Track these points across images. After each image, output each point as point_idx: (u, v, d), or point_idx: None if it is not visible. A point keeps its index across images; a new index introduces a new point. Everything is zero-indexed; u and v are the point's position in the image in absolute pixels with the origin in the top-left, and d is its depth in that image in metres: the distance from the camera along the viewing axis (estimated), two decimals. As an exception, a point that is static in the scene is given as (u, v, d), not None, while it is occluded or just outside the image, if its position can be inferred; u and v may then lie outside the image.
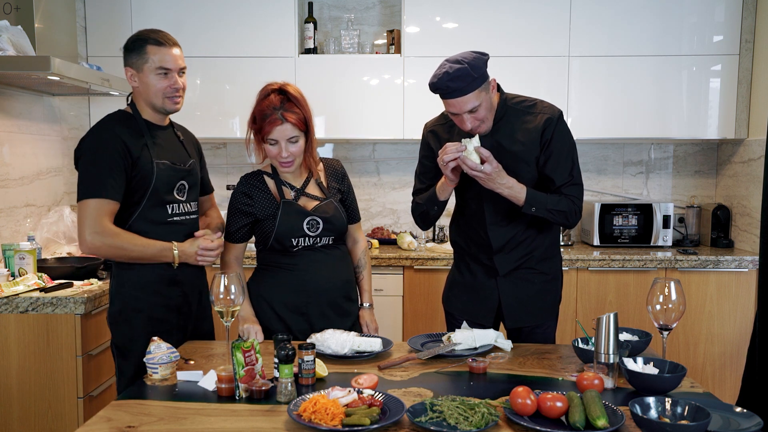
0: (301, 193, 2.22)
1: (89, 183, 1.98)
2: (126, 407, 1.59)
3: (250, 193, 2.20)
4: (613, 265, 3.53)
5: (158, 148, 2.11)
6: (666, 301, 1.78)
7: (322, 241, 2.22)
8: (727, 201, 3.94)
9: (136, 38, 2.08)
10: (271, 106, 2.07)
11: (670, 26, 3.67)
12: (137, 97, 2.13)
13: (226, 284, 1.77)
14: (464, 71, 2.03)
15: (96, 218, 1.96)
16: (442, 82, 2.06)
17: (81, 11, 3.70)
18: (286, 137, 2.08)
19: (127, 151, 2.01)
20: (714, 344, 3.56)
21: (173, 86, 2.09)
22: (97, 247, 1.99)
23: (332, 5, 4.08)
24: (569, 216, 2.19)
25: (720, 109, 3.70)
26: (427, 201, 2.29)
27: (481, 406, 1.47)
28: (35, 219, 3.40)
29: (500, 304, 2.28)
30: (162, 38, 2.07)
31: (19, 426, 2.60)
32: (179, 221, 2.16)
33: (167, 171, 2.10)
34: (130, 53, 2.08)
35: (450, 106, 2.11)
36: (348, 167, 4.20)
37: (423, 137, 2.37)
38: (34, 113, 3.41)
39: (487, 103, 2.11)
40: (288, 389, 1.62)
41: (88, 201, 1.97)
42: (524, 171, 2.18)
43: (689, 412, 1.43)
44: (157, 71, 2.05)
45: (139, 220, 2.07)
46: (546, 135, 2.17)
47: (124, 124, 2.08)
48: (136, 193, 2.05)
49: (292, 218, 2.17)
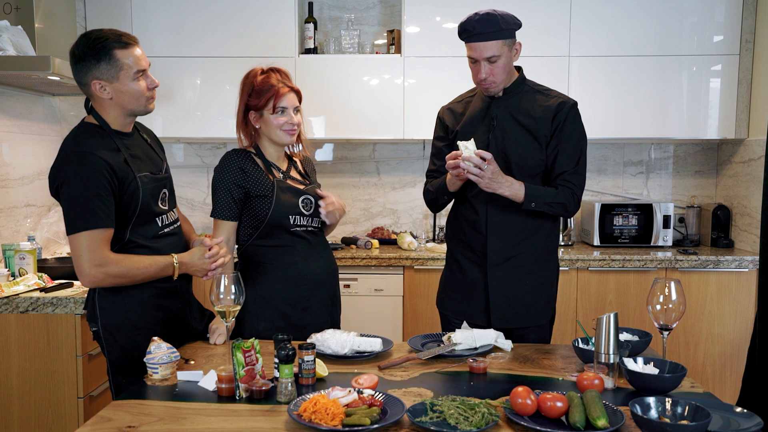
0: (287, 176, 2.25)
1: (79, 214, 1.82)
2: (126, 407, 1.59)
3: (244, 168, 2.18)
4: (613, 265, 3.53)
5: (136, 160, 1.96)
6: (666, 301, 1.78)
7: (314, 222, 2.24)
8: (727, 201, 3.94)
9: (95, 46, 1.87)
10: (273, 78, 2.17)
11: (671, 26, 3.67)
12: (104, 107, 1.94)
13: (227, 284, 1.77)
14: (493, 17, 2.12)
15: (93, 250, 1.82)
16: (469, 22, 2.13)
17: (81, 11, 3.70)
18: (293, 105, 2.18)
19: (112, 171, 1.85)
20: (714, 344, 3.56)
21: (151, 86, 1.96)
22: (100, 279, 1.85)
23: (332, 5, 4.08)
24: (568, 206, 2.23)
25: (720, 109, 3.70)
26: (437, 189, 2.34)
27: (481, 406, 1.47)
28: (35, 219, 3.40)
29: (488, 301, 2.28)
30: (126, 38, 1.90)
31: (19, 426, 2.60)
32: (169, 232, 2.06)
33: (150, 183, 1.97)
34: (96, 63, 1.87)
35: (471, 50, 2.17)
36: (348, 167, 4.21)
37: (437, 118, 2.43)
38: (34, 113, 3.41)
39: (506, 60, 2.17)
40: (288, 389, 1.62)
41: (82, 234, 1.81)
42: (531, 145, 2.22)
43: (689, 412, 1.43)
44: (135, 75, 1.91)
45: (133, 238, 1.94)
46: (559, 118, 2.21)
47: (99, 140, 1.90)
48: (126, 212, 1.91)
49: (287, 196, 2.18)
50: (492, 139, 2.24)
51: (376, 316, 3.57)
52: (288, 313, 2.20)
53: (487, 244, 2.26)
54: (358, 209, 4.23)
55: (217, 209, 2.19)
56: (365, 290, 3.58)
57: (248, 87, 2.19)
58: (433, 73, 3.71)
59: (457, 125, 2.33)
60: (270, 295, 2.20)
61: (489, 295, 2.27)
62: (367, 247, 3.79)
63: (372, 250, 3.74)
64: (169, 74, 3.65)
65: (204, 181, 4.19)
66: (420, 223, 4.21)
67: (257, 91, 2.16)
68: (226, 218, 2.18)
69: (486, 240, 2.26)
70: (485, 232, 2.26)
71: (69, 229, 1.84)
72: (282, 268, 2.20)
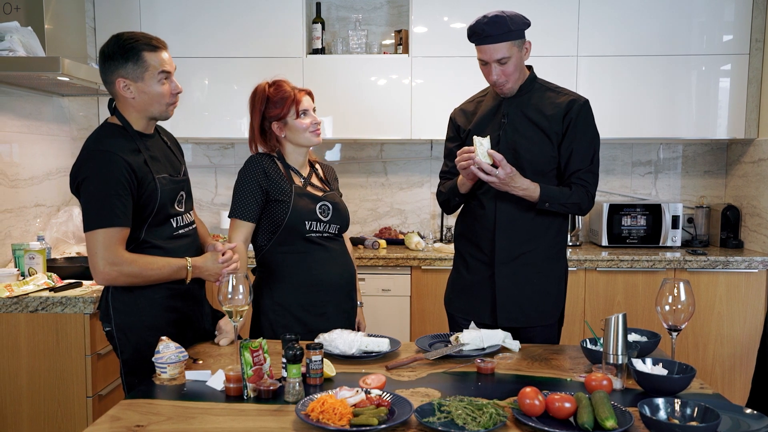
0: (307, 182, 2.27)
1: (97, 212, 1.84)
2: (135, 406, 1.60)
3: (267, 171, 2.21)
4: (621, 266, 3.51)
5: (155, 162, 1.99)
6: (675, 302, 1.77)
7: (331, 229, 2.25)
8: (736, 201, 3.92)
9: (125, 45, 1.92)
10: (286, 86, 2.23)
11: (679, 26, 3.65)
12: (127, 108, 1.97)
13: (234, 284, 1.77)
14: (501, 19, 2.12)
15: (109, 248, 1.84)
16: (478, 25, 2.14)
17: (90, 12, 3.72)
18: (312, 106, 2.26)
19: (132, 171, 1.88)
20: (723, 345, 3.54)
21: (174, 91, 2.00)
22: (113, 277, 1.87)
23: (340, 5, 4.08)
24: (582, 205, 2.24)
25: (729, 109, 3.68)
26: (449, 191, 2.36)
27: (489, 407, 1.47)
28: (45, 219, 3.42)
29: (495, 299, 2.27)
30: (156, 42, 1.96)
31: (29, 425, 2.62)
32: (184, 234, 2.07)
33: (169, 185, 2.00)
34: (124, 63, 1.91)
35: (481, 53, 2.17)
36: (355, 167, 4.21)
37: (449, 119, 2.45)
38: (43, 114, 3.43)
39: (517, 60, 2.18)
40: (296, 389, 1.62)
41: (99, 231, 1.84)
42: (542, 143, 2.23)
43: (699, 414, 1.42)
44: (160, 77, 1.95)
45: (147, 238, 1.96)
46: (570, 115, 2.22)
47: (120, 140, 1.93)
48: (143, 211, 1.93)
49: (304, 201, 2.20)
50: (503, 136, 2.25)
51: (383, 317, 3.57)
52: (305, 319, 2.22)
53: (495, 240, 2.26)
54: (366, 209, 4.23)
55: (236, 209, 2.21)
56: (373, 290, 3.58)
57: (262, 100, 2.21)
58: (441, 73, 3.71)
59: (469, 125, 2.34)
60: (286, 302, 2.22)
61: (496, 293, 2.26)
62: (374, 247, 3.79)
63: (379, 250, 3.74)
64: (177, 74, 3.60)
65: (211, 181, 4.20)
66: (427, 224, 4.21)
67: (274, 101, 2.20)
68: (244, 218, 2.20)
69: (494, 237, 2.26)
70: (493, 229, 2.26)
71: (86, 225, 1.87)
72: (297, 274, 2.22)
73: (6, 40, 2.71)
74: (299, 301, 2.21)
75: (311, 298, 2.22)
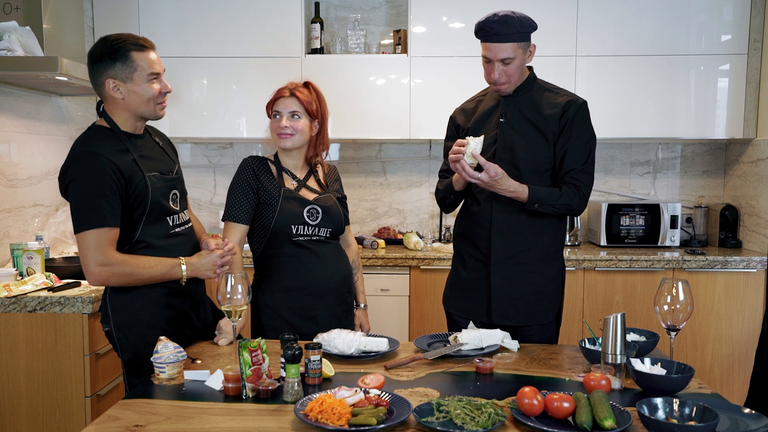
0: (302, 184, 2.27)
1: (86, 213, 1.85)
2: (133, 406, 1.60)
3: (258, 173, 2.23)
4: (620, 266, 3.51)
5: (145, 160, 1.99)
6: (674, 302, 1.77)
7: (320, 232, 2.24)
8: (735, 201, 3.92)
9: (113, 46, 1.92)
10: (288, 84, 2.25)
11: (678, 25, 3.65)
12: (117, 109, 1.97)
13: (233, 284, 1.77)
14: (511, 20, 2.13)
15: (99, 249, 1.85)
16: (487, 22, 2.15)
17: (89, 12, 3.72)
18: (289, 110, 2.20)
19: (119, 171, 1.88)
20: (722, 345, 3.54)
21: (164, 90, 1.99)
22: (105, 278, 1.88)
23: (339, 5, 4.08)
24: (573, 206, 2.24)
25: (728, 108, 3.68)
26: (445, 188, 2.38)
27: (487, 407, 1.47)
28: (43, 219, 3.42)
29: (490, 297, 2.28)
30: (143, 42, 1.95)
31: (27, 425, 2.62)
32: (180, 232, 2.07)
33: (159, 183, 1.99)
34: (112, 63, 1.92)
35: (487, 50, 2.18)
36: (354, 167, 4.21)
37: (449, 118, 2.46)
38: (42, 113, 3.43)
39: (520, 62, 2.20)
40: (295, 389, 1.62)
41: (88, 233, 1.84)
42: (538, 142, 2.24)
43: (697, 413, 1.42)
44: (149, 77, 1.94)
45: (143, 237, 1.97)
46: (567, 115, 2.22)
47: (107, 141, 1.93)
48: (136, 211, 1.94)
49: (292, 205, 2.20)
50: (500, 135, 2.26)
51: (382, 316, 3.57)
52: (294, 322, 2.23)
53: (491, 239, 2.26)
54: (365, 209, 4.23)
55: (228, 212, 2.22)
56: (371, 290, 3.57)
57: None
58: (440, 73, 3.71)
59: (468, 123, 2.35)
60: (276, 305, 2.23)
61: (491, 292, 2.27)
62: (373, 247, 3.79)
63: (378, 250, 3.74)
64: (175, 74, 3.66)
65: (210, 181, 4.20)
66: (426, 223, 4.21)
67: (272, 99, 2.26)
68: (236, 220, 2.21)
69: (490, 236, 2.26)
70: (489, 228, 2.27)
71: (76, 227, 1.87)
72: (286, 278, 2.22)
73: (4, 39, 2.71)
74: (287, 305, 2.23)
75: (299, 302, 2.23)
